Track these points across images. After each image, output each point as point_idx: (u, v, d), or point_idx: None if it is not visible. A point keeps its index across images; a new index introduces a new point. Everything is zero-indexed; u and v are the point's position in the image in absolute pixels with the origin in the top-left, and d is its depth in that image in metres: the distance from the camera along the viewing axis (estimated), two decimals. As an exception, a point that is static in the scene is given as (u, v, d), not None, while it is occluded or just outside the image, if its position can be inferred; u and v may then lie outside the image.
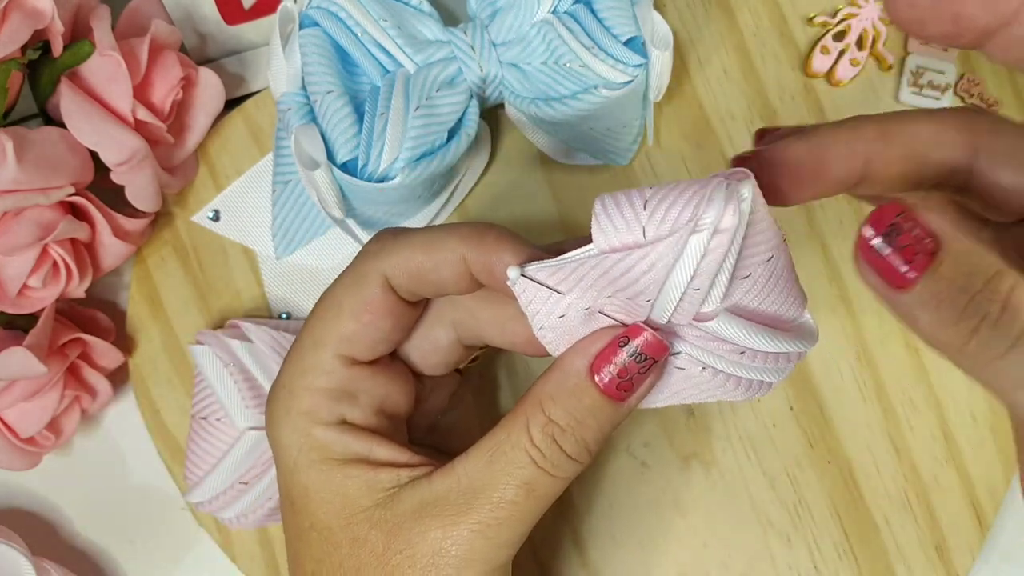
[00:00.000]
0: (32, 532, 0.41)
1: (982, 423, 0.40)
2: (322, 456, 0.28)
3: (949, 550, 0.40)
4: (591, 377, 0.26)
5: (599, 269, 0.25)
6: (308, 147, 0.34)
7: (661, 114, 0.41)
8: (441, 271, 0.27)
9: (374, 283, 0.28)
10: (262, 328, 0.38)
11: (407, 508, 0.27)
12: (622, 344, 0.25)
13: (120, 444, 0.43)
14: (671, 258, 0.24)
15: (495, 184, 0.41)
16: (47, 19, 0.34)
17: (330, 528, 0.27)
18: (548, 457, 0.26)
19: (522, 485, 0.26)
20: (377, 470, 0.27)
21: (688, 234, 0.23)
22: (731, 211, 0.23)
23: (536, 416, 0.26)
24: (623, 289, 0.25)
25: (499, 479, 0.26)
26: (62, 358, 0.38)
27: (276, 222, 0.40)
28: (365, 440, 0.28)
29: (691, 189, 0.24)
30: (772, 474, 0.40)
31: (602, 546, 0.40)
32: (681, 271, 0.24)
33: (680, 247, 0.24)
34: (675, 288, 0.25)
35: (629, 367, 0.25)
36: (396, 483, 0.27)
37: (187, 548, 0.43)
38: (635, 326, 0.25)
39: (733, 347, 0.26)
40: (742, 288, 0.25)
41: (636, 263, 0.24)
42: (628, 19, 0.35)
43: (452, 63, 0.35)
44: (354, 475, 0.27)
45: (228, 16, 0.41)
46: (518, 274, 0.25)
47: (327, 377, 0.28)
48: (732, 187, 0.23)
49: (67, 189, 0.35)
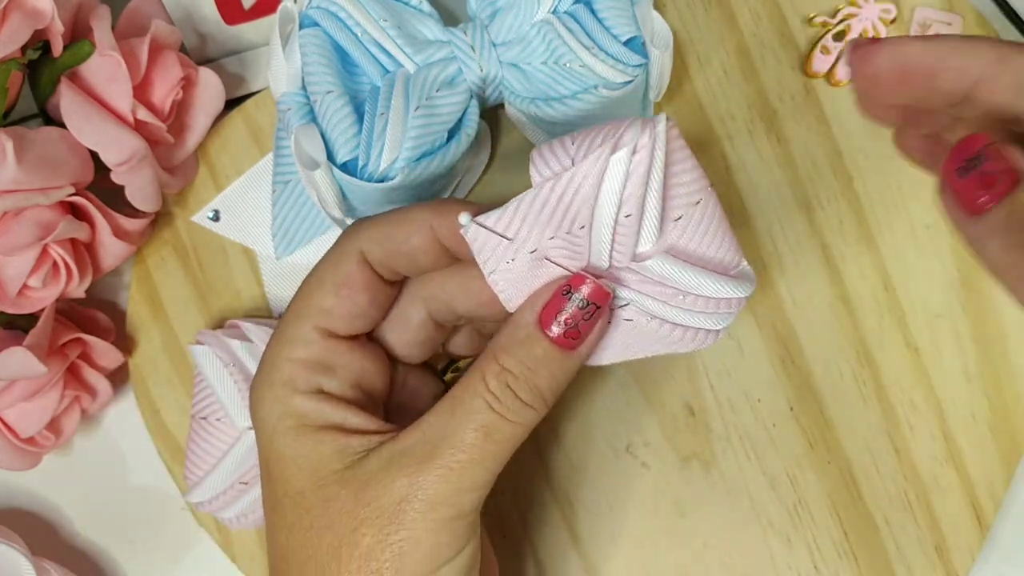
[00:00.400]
0: (32, 532, 0.41)
1: (982, 423, 0.40)
2: (298, 423, 0.29)
3: (949, 550, 0.40)
4: (540, 328, 0.28)
5: (537, 203, 0.27)
6: (308, 147, 0.34)
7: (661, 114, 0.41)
8: (411, 240, 0.29)
9: (351, 259, 0.30)
10: (262, 328, 0.38)
11: (375, 465, 0.28)
12: (566, 293, 0.27)
13: (120, 444, 0.43)
14: (596, 176, 0.26)
15: (495, 184, 0.41)
16: (47, 19, 0.34)
17: (302, 492, 0.28)
18: (503, 402, 0.28)
19: (479, 428, 0.27)
20: (349, 436, 0.29)
21: (609, 153, 0.26)
22: (647, 133, 0.26)
23: (491, 366, 0.28)
24: (560, 220, 0.27)
25: (459, 425, 0.27)
26: (62, 358, 0.38)
27: (276, 222, 0.40)
28: (340, 409, 0.29)
29: (612, 125, 0.27)
30: (772, 474, 0.40)
31: (602, 546, 0.40)
32: (608, 191, 0.26)
33: (603, 165, 0.26)
34: (607, 212, 0.27)
35: (575, 315, 0.27)
36: (366, 447, 0.28)
37: (187, 548, 0.43)
38: (577, 275, 0.27)
39: (675, 291, 0.28)
40: (676, 230, 0.28)
41: (566, 186, 0.27)
42: (628, 19, 0.35)
43: (452, 63, 0.35)
44: (327, 440, 0.29)
45: (228, 16, 0.41)
46: (469, 220, 0.27)
47: (306, 348, 0.29)
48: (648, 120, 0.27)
49: (67, 189, 0.35)
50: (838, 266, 0.40)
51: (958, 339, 0.40)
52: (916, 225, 0.41)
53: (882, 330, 0.40)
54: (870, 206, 0.41)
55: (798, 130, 0.41)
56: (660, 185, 0.27)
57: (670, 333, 0.29)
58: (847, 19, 0.41)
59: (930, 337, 0.40)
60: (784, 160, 0.41)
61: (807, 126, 0.41)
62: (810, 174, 0.41)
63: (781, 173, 0.41)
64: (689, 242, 0.28)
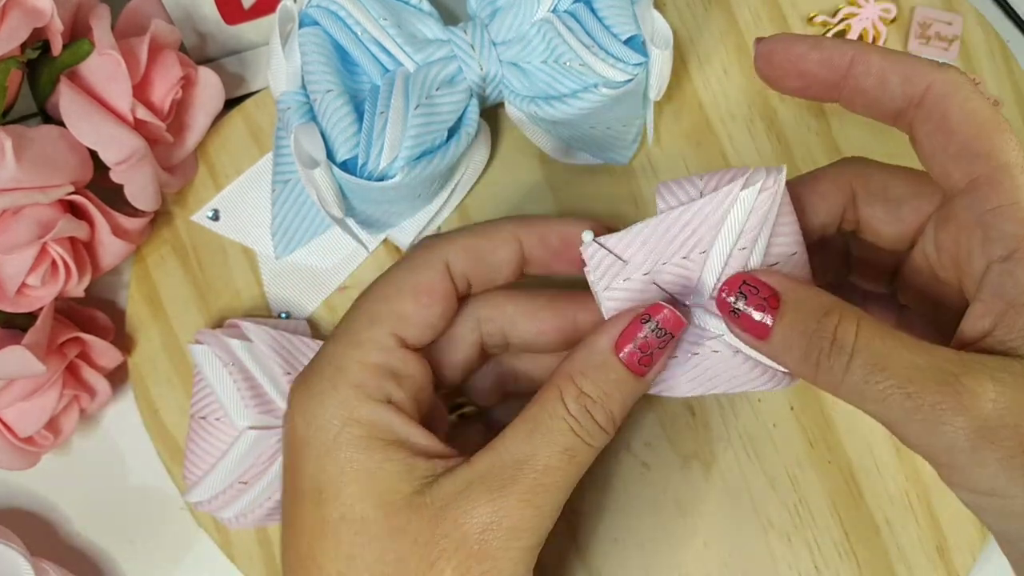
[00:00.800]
0: (31, 532, 0.41)
1: (983, 423, 0.40)
2: (367, 433, 0.27)
3: (950, 550, 0.39)
4: (616, 353, 0.28)
5: (662, 228, 0.29)
6: (308, 146, 0.34)
7: (661, 113, 0.41)
8: (498, 252, 0.30)
9: (434, 267, 0.30)
10: (261, 328, 0.38)
11: (451, 491, 0.27)
12: (644, 321, 0.28)
13: (119, 444, 0.43)
14: (725, 207, 0.28)
15: (495, 184, 0.41)
16: (46, 18, 0.34)
17: (365, 519, 0.26)
18: (584, 425, 0.27)
19: (565, 451, 0.27)
20: (415, 457, 0.27)
21: (739, 188, 0.28)
22: (772, 177, 0.28)
23: (569, 389, 0.27)
24: (681, 245, 0.29)
25: (542, 448, 0.27)
26: (61, 357, 0.38)
27: (276, 221, 0.40)
28: (407, 424, 0.28)
29: (740, 169, 0.29)
30: (772, 474, 0.40)
31: (602, 546, 0.40)
32: (733, 220, 0.28)
33: (733, 198, 0.28)
34: (726, 240, 0.29)
35: (650, 342, 0.28)
36: (432, 472, 0.27)
37: (187, 548, 0.43)
38: (656, 304, 0.28)
39: None
40: None
41: (694, 212, 0.29)
42: (628, 18, 0.35)
43: (452, 62, 0.35)
44: (394, 458, 0.27)
45: (228, 16, 0.41)
46: (591, 238, 0.29)
47: (381, 353, 0.29)
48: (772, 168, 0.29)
49: (66, 188, 0.35)
50: (838, 265, 0.40)
51: (959, 339, 0.40)
52: (916, 224, 0.41)
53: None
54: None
55: (798, 129, 0.41)
56: (770, 229, 0.29)
57: (751, 370, 0.30)
58: (847, 18, 0.41)
59: (931, 337, 0.40)
60: (784, 159, 0.41)
61: (807, 125, 0.41)
62: (810, 173, 0.41)
63: (781, 172, 0.41)
64: None
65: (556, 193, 0.41)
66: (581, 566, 0.40)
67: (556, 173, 0.41)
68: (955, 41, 0.41)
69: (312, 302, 0.41)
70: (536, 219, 0.31)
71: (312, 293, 0.41)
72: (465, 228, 0.31)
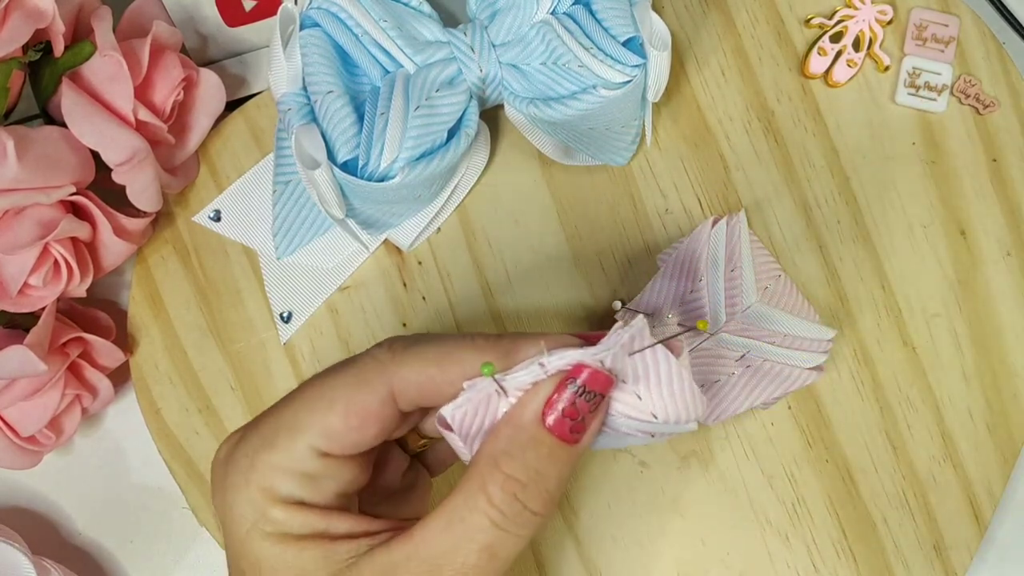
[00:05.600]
0: (32, 531, 0.42)
1: (979, 421, 0.40)
2: (277, 530, 0.26)
3: (947, 548, 0.40)
4: (543, 425, 0.25)
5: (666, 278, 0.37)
6: (308, 147, 0.34)
7: (659, 115, 0.41)
8: (456, 384, 0.27)
9: (375, 393, 0.27)
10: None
11: None
12: (569, 384, 0.25)
13: (121, 443, 0.43)
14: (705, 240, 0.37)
15: (495, 184, 0.41)
16: (48, 19, 0.34)
17: None
18: (509, 516, 0.25)
19: (484, 549, 0.25)
20: (335, 543, 0.26)
21: (711, 224, 0.37)
22: (734, 217, 0.37)
23: (493, 476, 0.25)
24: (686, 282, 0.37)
25: (460, 545, 0.25)
26: (63, 357, 0.38)
27: (277, 222, 0.40)
28: (323, 518, 0.27)
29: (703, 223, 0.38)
30: (770, 473, 0.40)
31: (601, 545, 0.40)
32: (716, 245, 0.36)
33: (708, 231, 0.37)
34: (718, 266, 0.36)
35: (580, 407, 0.25)
36: (354, 553, 0.26)
37: (187, 548, 0.43)
38: (576, 366, 0.25)
39: (779, 334, 0.37)
40: (766, 295, 0.37)
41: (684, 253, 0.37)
42: (626, 20, 0.35)
43: (452, 64, 0.35)
44: (310, 548, 0.26)
45: (229, 18, 0.41)
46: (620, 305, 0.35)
47: (296, 463, 0.27)
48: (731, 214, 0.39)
49: (68, 188, 0.36)
50: (835, 265, 0.41)
51: (955, 338, 0.40)
52: (913, 224, 0.41)
53: (879, 329, 0.40)
54: (867, 206, 0.41)
55: (795, 130, 0.41)
56: (750, 253, 0.37)
57: (780, 371, 0.36)
58: (844, 21, 0.41)
59: (927, 336, 0.40)
60: (781, 160, 0.41)
61: (804, 127, 0.41)
62: (807, 174, 0.41)
63: (778, 173, 0.41)
64: (779, 303, 0.37)
65: (555, 193, 0.41)
66: (580, 564, 0.40)
67: (555, 174, 0.41)
68: (951, 43, 0.41)
69: (313, 302, 0.41)
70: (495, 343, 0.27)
71: (313, 293, 0.41)
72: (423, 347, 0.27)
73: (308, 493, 0.27)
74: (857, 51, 0.41)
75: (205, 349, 0.41)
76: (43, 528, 0.42)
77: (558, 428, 0.25)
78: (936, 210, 0.41)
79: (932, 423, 0.40)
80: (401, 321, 0.41)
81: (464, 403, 0.26)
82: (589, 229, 0.41)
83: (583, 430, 0.26)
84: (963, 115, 0.41)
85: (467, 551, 0.25)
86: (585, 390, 0.25)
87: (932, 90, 0.41)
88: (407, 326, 0.41)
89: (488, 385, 0.26)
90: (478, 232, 0.41)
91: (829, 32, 0.41)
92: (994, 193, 0.41)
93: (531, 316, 0.41)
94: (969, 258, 0.41)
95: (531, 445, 0.25)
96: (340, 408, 0.27)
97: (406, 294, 0.41)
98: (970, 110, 0.41)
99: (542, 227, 0.41)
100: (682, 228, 0.41)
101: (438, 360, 0.27)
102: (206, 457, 0.41)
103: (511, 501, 0.25)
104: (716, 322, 0.36)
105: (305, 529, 0.26)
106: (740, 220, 0.38)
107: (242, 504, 0.27)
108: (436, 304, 0.41)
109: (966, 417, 0.40)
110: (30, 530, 0.41)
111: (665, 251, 0.39)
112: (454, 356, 0.27)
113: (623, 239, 0.41)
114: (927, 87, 0.41)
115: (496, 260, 0.41)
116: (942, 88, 0.41)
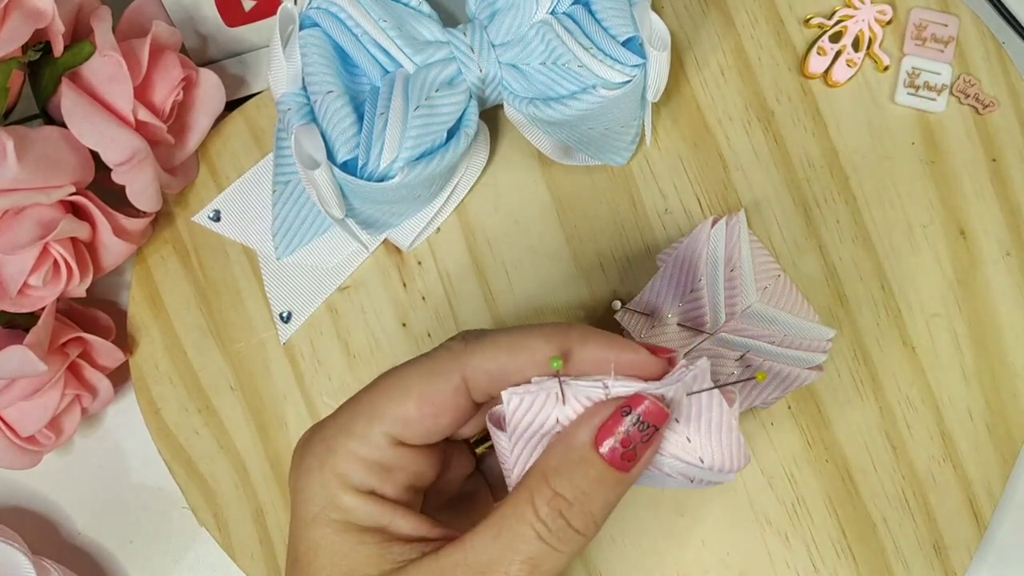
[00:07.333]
0: (32, 531, 0.42)
1: (979, 421, 0.40)
2: (343, 518, 0.27)
3: (947, 548, 0.40)
4: (596, 449, 0.26)
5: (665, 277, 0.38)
6: (308, 147, 0.34)
7: (659, 115, 0.41)
8: (526, 372, 0.27)
9: (449, 381, 0.28)
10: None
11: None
12: (625, 413, 0.26)
13: (120, 443, 0.43)
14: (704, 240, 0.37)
15: (495, 184, 0.41)
16: (48, 19, 0.34)
17: None
18: (553, 531, 0.26)
19: (526, 561, 0.25)
20: (392, 542, 0.27)
21: (710, 224, 0.38)
22: (733, 217, 0.37)
23: (541, 490, 0.26)
24: (686, 282, 0.37)
25: (505, 554, 0.25)
26: (63, 357, 0.38)
27: (276, 222, 0.40)
28: (389, 512, 0.28)
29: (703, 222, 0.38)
30: (770, 473, 0.40)
31: (600, 545, 0.40)
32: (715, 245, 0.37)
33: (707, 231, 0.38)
34: (718, 266, 0.36)
35: (633, 436, 0.26)
36: (407, 557, 0.27)
37: (187, 548, 0.43)
38: (636, 395, 0.26)
39: (778, 334, 0.37)
40: (766, 295, 0.37)
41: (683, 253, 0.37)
42: (626, 20, 0.35)
43: (451, 64, 0.35)
44: (369, 542, 0.27)
45: (229, 18, 0.41)
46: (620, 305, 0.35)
47: (371, 450, 0.28)
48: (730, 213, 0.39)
49: (68, 188, 0.36)
50: (835, 265, 0.41)
51: (955, 338, 0.40)
52: (913, 224, 0.41)
53: (879, 329, 0.40)
54: (867, 206, 0.41)
55: (795, 130, 0.41)
56: (749, 253, 0.37)
57: (780, 371, 0.36)
58: (843, 20, 0.41)
59: (927, 336, 0.40)
60: (781, 160, 0.41)
61: (804, 126, 0.41)
62: (807, 174, 0.41)
63: (778, 173, 0.41)
64: (778, 303, 0.37)
65: (555, 193, 0.41)
66: (580, 564, 0.40)
67: (555, 174, 0.41)
68: (951, 43, 0.41)
69: (313, 302, 0.41)
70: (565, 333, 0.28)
71: (313, 293, 0.41)
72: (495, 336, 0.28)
73: (379, 483, 0.28)
74: (857, 51, 0.41)
75: (205, 349, 0.41)
76: (43, 528, 0.43)
77: (610, 454, 0.26)
78: (936, 210, 0.41)
79: (932, 423, 0.40)
80: (401, 321, 0.41)
81: (524, 392, 0.27)
82: (589, 229, 0.41)
83: (634, 459, 0.26)
84: (963, 115, 0.41)
85: (510, 561, 0.25)
86: (640, 420, 0.26)
87: (932, 90, 0.41)
88: (407, 326, 0.41)
89: (552, 385, 0.27)
90: (478, 232, 0.41)
91: (829, 32, 0.41)
92: (994, 193, 0.41)
93: (531, 316, 0.41)
94: (969, 258, 0.41)
95: (581, 466, 0.26)
96: (415, 396, 0.28)
97: (406, 294, 0.41)
98: (970, 110, 0.41)
99: (542, 227, 0.41)
100: (682, 228, 0.41)
101: (509, 347, 0.28)
102: (206, 457, 0.41)
103: (555, 517, 0.26)
104: (716, 322, 0.36)
105: (369, 521, 0.27)
106: (740, 220, 0.38)
107: (314, 487, 0.27)
108: (436, 304, 0.41)
109: (966, 417, 0.40)
110: (30, 530, 0.41)
111: (665, 251, 0.39)
112: (523, 344, 0.28)
113: (623, 239, 0.41)
114: (927, 87, 0.41)
115: (496, 260, 0.41)
116: (941, 88, 0.41)
